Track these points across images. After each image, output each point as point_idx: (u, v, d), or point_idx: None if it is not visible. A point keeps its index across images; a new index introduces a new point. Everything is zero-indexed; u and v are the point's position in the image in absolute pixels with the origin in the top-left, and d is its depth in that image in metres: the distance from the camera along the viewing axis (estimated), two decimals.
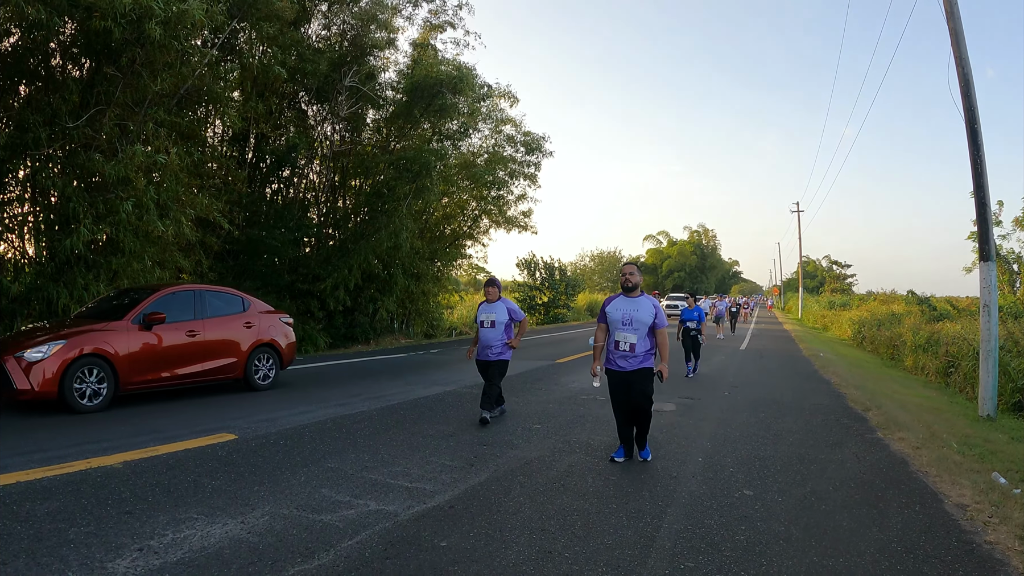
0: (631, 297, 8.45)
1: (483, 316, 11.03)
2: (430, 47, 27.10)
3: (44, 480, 6.63)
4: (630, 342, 8.21)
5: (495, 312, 10.94)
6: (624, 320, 8.30)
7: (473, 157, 32.37)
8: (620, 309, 8.39)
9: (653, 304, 8.42)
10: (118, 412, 10.47)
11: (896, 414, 12.53)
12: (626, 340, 8.24)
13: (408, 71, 26.12)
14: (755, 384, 16.32)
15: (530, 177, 34.19)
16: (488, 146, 33.11)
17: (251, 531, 5.51)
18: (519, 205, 35.64)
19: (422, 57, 26.44)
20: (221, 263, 21.56)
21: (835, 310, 58.76)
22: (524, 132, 33.31)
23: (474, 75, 26.21)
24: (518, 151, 33.30)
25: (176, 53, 15.45)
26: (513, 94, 31.49)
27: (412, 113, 25.98)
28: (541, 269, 49.68)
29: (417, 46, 27.16)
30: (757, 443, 9.62)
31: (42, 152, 14.98)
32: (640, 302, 8.38)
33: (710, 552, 5.41)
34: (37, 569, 4.63)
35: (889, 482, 7.68)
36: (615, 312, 8.41)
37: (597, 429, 10.28)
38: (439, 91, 24.72)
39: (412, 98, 25.39)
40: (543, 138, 33.43)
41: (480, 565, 5.04)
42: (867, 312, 42.66)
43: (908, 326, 28.98)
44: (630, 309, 8.33)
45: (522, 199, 35.35)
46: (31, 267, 15.95)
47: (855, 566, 5.17)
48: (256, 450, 8.28)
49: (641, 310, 8.28)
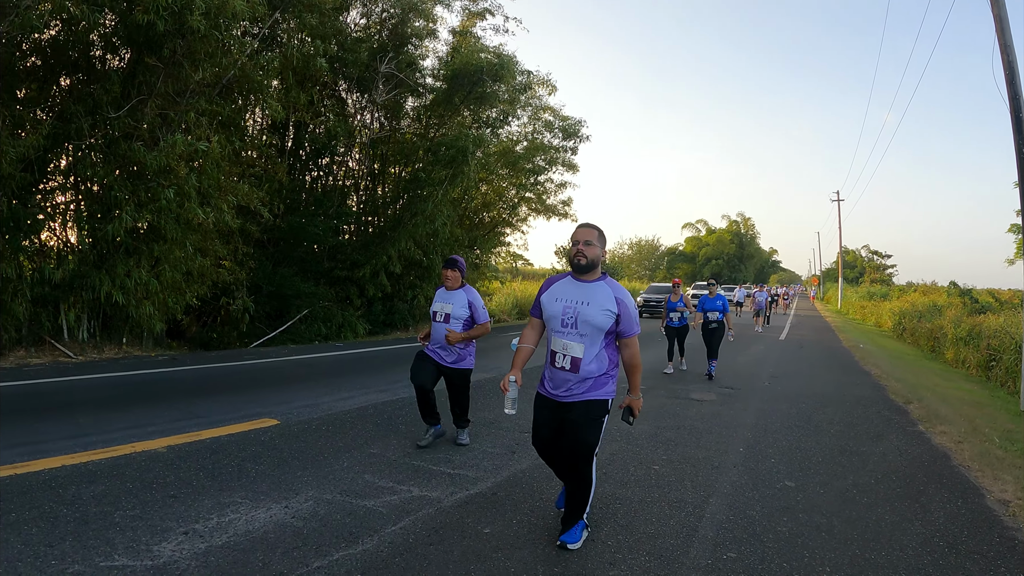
0: (583, 281, 5.38)
1: (436, 306, 8.27)
2: (469, 34, 27.02)
3: (89, 464, 6.70)
4: (571, 355, 5.25)
5: (452, 303, 8.18)
6: (566, 317, 5.31)
7: (512, 144, 32.33)
8: (562, 299, 5.38)
9: (618, 296, 5.30)
10: (159, 398, 10.58)
11: (937, 407, 12.43)
12: (566, 351, 5.28)
13: (448, 59, 26.08)
14: (795, 375, 16.23)
15: (568, 164, 34.11)
16: (527, 133, 33.06)
17: (295, 516, 5.55)
18: (558, 193, 35.61)
19: (462, 44, 26.35)
20: (261, 250, 21.68)
21: (874, 301, 58.28)
22: (562, 117, 33.21)
23: (515, 62, 26.12)
24: (556, 136, 33.21)
25: (217, 44, 15.58)
26: (552, 82, 31.46)
27: (452, 100, 25.95)
28: None
29: (456, 34, 27.08)
30: (798, 434, 9.59)
31: (84, 142, 15.11)
32: (596, 291, 5.30)
33: (752, 543, 5.41)
34: (83, 551, 4.68)
35: (931, 476, 7.62)
36: (553, 303, 5.41)
37: (639, 418, 10.25)
38: (479, 79, 24.67)
39: (452, 86, 25.36)
40: (580, 122, 33.28)
41: (524, 552, 5.06)
42: (908, 303, 42.26)
43: (949, 318, 28.66)
44: (577, 300, 5.32)
45: (562, 187, 35.34)
46: (73, 255, 16.09)
47: (898, 560, 5.15)
48: (298, 435, 8.33)
49: (595, 304, 5.25)
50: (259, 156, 21.77)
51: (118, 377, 12.58)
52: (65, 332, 15.61)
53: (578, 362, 5.24)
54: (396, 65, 23.17)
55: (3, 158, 13.12)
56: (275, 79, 18.98)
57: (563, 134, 33.11)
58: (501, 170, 32.02)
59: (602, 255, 5.48)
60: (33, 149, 13.87)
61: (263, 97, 18.34)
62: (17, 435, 7.72)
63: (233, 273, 19.29)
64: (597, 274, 5.43)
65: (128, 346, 16.59)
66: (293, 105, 19.77)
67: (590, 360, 5.26)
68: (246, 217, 19.23)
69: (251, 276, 20.19)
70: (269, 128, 22.21)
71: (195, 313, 19.96)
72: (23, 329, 14.71)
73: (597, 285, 5.35)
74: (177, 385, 11.89)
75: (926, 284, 63.62)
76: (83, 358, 14.93)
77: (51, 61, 15.52)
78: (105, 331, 16.54)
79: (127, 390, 11.28)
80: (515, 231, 35.81)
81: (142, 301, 15.77)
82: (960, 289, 39.62)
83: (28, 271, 14.74)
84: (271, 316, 21.54)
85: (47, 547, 4.72)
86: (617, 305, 5.27)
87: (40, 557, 4.55)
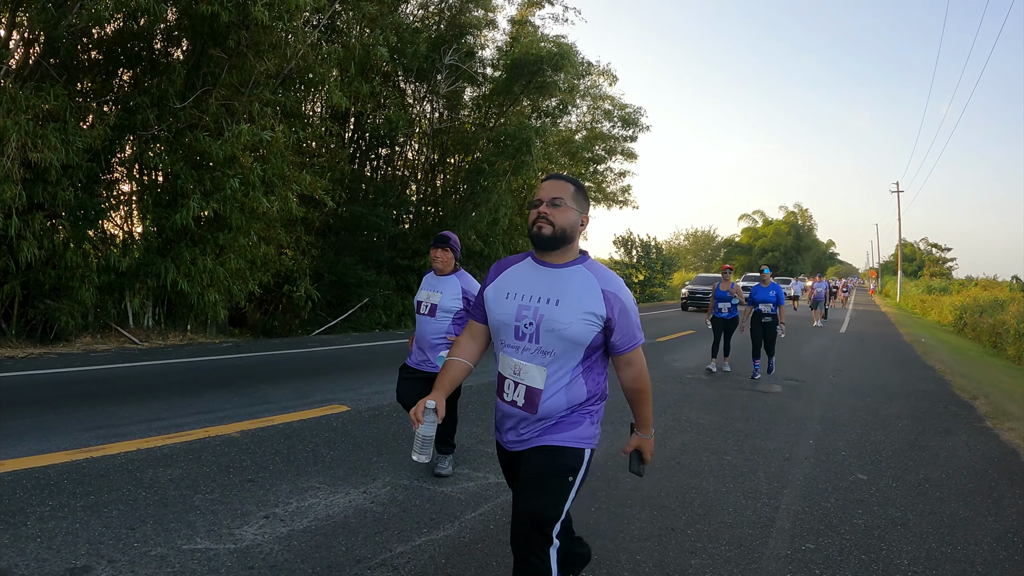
0: (549, 265, 3.25)
1: (421, 295, 6.45)
2: (528, 23, 26.98)
3: (165, 448, 6.76)
4: (526, 384, 3.17)
5: (441, 291, 6.30)
6: (521, 325, 3.19)
7: (571, 133, 32.33)
8: (516, 294, 3.25)
9: (607, 289, 3.15)
10: (228, 384, 10.68)
11: (1004, 404, 12.24)
12: (519, 376, 3.20)
13: (507, 48, 26.08)
14: (858, 368, 16.07)
15: (627, 153, 34.07)
16: (586, 122, 33.05)
17: (374, 501, 5.56)
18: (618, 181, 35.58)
19: (521, 34, 26.32)
20: (322, 239, 21.86)
21: (934, 295, 57.63)
22: (621, 105, 33.13)
23: (574, 52, 26.06)
24: (615, 125, 33.17)
25: (280, 34, 15.73)
26: (612, 72, 31.45)
27: (512, 90, 25.92)
28: (638, 247, 49.53)
29: (515, 23, 27.04)
30: (866, 428, 9.48)
31: (149, 132, 15.30)
32: (570, 281, 3.18)
33: (829, 534, 5.35)
34: (165, 534, 4.70)
35: (1001, 472, 7.50)
36: (501, 301, 3.30)
37: (706, 408, 10.25)
38: (540, 68, 24.61)
39: (512, 75, 25.32)
40: (640, 111, 33.22)
41: (605, 540, 5.02)
42: (969, 298, 41.72)
43: (1012, 313, 28.19)
44: (539, 297, 3.18)
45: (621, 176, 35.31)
46: (139, 243, 16.32)
47: (973, 554, 5.07)
48: (370, 421, 8.36)
49: (568, 304, 3.13)
50: (321, 146, 21.93)
51: (184, 363, 12.75)
52: (130, 319, 15.85)
53: (536, 395, 3.18)
54: (457, 56, 23.23)
55: (70, 148, 13.30)
56: (335, 69, 19.10)
57: (622, 123, 33.07)
58: (561, 159, 32.00)
59: (581, 225, 3.30)
60: (99, 140, 14.05)
61: (325, 87, 18.47)
62: (90, 419, 7.82)
63: (295, 261, 19.46)
64: (573, 254, 3.30)
65: (192, 333, 16.81)
66: (355, 95, 19.88)
67: (555, 391, 3.19)
68: (309, 206, 19.38)
69: (313, 264, 20.35)
70: (331, 118, 22.31)
71: (257, 301, 20.15)
72: (89, 316, 14.95)
73: (573, 271, 3.23)
74: (243, 372, 12.02)
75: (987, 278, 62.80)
76: (148, 344, 15.13)
77: (115, 53, 15.73)
78: (169, 318, 16.78)
79: (195, 376, 11.42)
80: None
81: (207, 288, 15.96)
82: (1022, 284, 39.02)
83: (94, 259, 14.94)
84: (332, 304, 21.71)
85: (128, 529, 4.75)
86: (606, 304, 3.14)
87: (122, 539, 4.58)
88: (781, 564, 4.76)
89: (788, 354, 17.81)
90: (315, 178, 18.00)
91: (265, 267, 17.87)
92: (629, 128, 33.30)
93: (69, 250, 13.91)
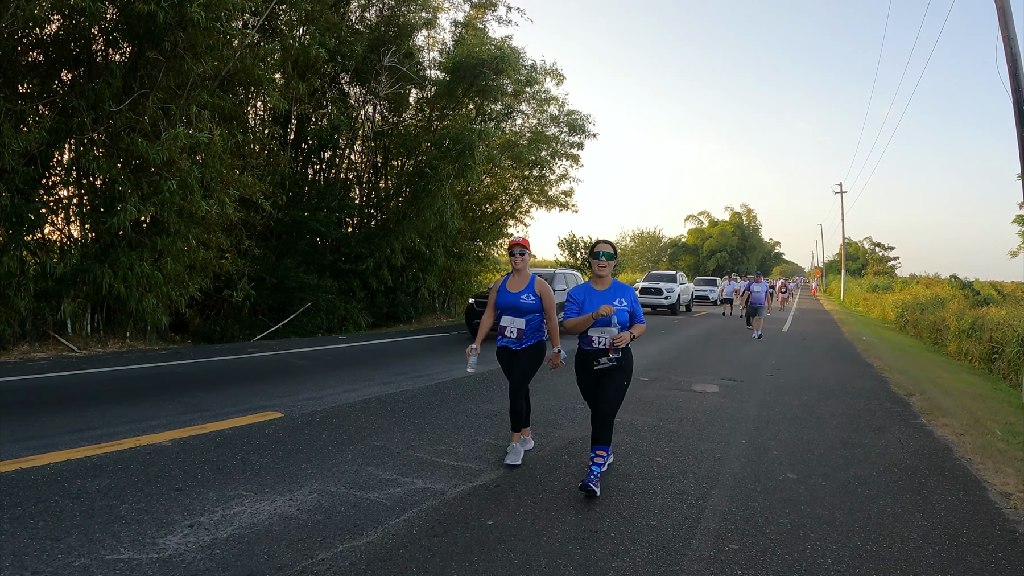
0: None
1: None
2: (472, 26, 27.03)
3: (94, 457, 6.72)
4: None
5: None
6: None
7: (516, 136, 32.34)
8: None
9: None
10: (164, 391, 10.58)
11: (940, 400, 12.43)
12: None
13: (451, 50, 26.13)
14: (798, 366, 16.22)
15: (573, 157, 34.12)
16: (531, 125, 33.07)
17: (300, 508, 5.56)
18: (561, 184, 35.63)
19: (465, 36, 26.38)
20: (264, 242, 21.74)
21: (877, 293, 58.19)
22: (568, 112, 33.17)
23: (517, 55, 26.15)
24: (562, 131, 33.19)
25: (218, 35, 15.65)
26: (559, 71, 31.49)
27: (455, 93, 26.00)
28: (582, 249, 49.66)
29: (461, 25, 27.11)
30: (800, 426, 9.58)
31: (86, 136, 15.14)
32: None
33: (754, 534, 5.41)
34: (90, 545, 4.70)
35: (933, 468, 7.62)
36: None
37: (640, 410, 10.27)
38: (481, 71, 24.71)
39: (454, 78, 25.42)
40: (587, 119, 33.25)
41: (527, 543, 5.07)
42: (911, 296, 42.20)
43: (952, 311, 28.61)
44: None
45: (564, 179, 35.32)
46: (76, 249, 16.12)
47: (899, 552, 5.16)
48: (302, 428, 8.34)
49: None
50: (261, 149, 21.82)
51: (122, 371, 12.60)
52: (68, 326, 15.65)
53: None
54: (398, 57, 23.21)
55: (5, 152, 13.15)
56: (276, 72, 19.04)
57: (569, 128, 33.10)
58: (505, 162, 32.05)
59: None
60: (35, 143, 13.91)
61: (264, 89, 18.41)
62: (22, 429, 7.75)
63: (236, 265, 19.33)
64: None
65: (132, 340, 16.63)
66: (294, 96, 19.83)
67: None
68: (249, 209, 19.28)
69: (254, 267, 20.25)
70: (271, 121, 22.20)
71: (198, 307, 20.05)
72: (26, 323, 14.76)
73: None
74: (181, 379, 11.90)
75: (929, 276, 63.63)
76: (87, 352, 14.95)
77: (52, 55, 15.55)
78: (108, 325, 16.59)
79: (131, 384, 11.28)
80: (518, 223, 35.87)
81: (145, 294, 15.82)
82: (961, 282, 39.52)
83: (31, 266, 14.78)
84: (274, 309, 21.63)
85: (53, 540, 4.74)
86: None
87: (46, 551, 4.57)
88: (703, 565, 4.82)
89: (728, 353, 18.03)
90: (255, 181, 17.92)
91: (204, 271, 17.73)
92: (575, 134, 33.36)
93: (7, 255, 13.73)
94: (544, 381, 12.37)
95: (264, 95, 19.14)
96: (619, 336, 6.15)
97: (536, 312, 7.21)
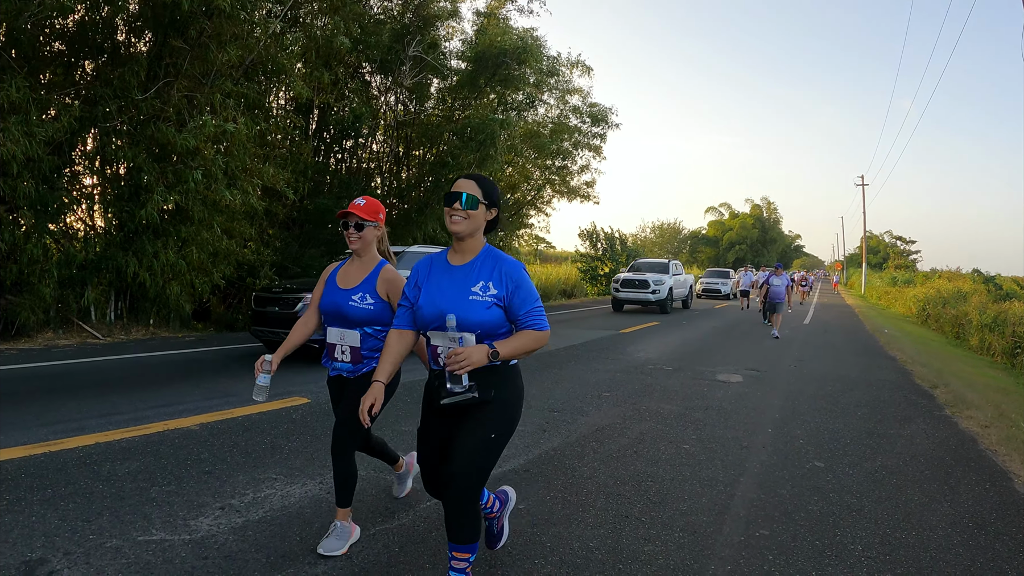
0: None
1: None
2: (493, 15, 27.00)
3: (123, 441, 6.75)
4: None
5: None
6: None
7: (538, 127, 32.28)
8: None
9: None
10: (190, 378, 10.67)
11: (964, 392, 12.35)
12: None
13: (473, 40, 26.09)
14: (820, 358, 16.15)
15: (595, 148, 34.08)
16: (554, 116, 33.01)
17: (330, 491, 5.53)
18: (583, 175, 35.60)
19: (487, 26, 26.34)
20: (286, 231, 21.77)
21: (898, 287, 57.96)
22: (590, 103, 33.13)
23: (540, 45, 26.11)
24: (584, 122, 33.14)
25: (243, 24, 15.65)
26: (584, 63, 31.51)
27: (477, 83, 25.93)
28: (602, 240, 49.50)
29: (481, 15, 27.08)
30: (825, 416, 9.52)
31: (111, 125, 15.20)
32: None
33: (784, 521, 5.38)
34: (121, 526, 4.70)
35: (958, 459, 7.56)
36: None
37: (666, 398, 10.27)
38: (503, 61, 24.65)
39: (476, 68, 25.36)
40: (609, 110, 33.19)
41: (559, 527, 5.06)
42: (932, 289, 41.99)
43: (974, 305, 28.52)
44: None
45: (586, 169, 35.29)
46: (100, 237, 16.24)
47: (927, 540, 5.12)
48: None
49: None
50: (284, 138, 21.83)
51: (147, 357, 12.70)
52: (92, 313, 15.74)
53: None
54: (421, 47, 23.17)
55: (32, 140, 13.20)
56: (299, 61, 19.04)
57: (591, 119, 33.02)
58: (527, 152, 32.00)
59: None
60: (62, 132, 13.96)
61: (287, 78, 18.42)
62: (48, 414, 7.80)
63: (259, 254, 19.36)
64: None
65: (155, 327, 16.71)
66: (317, 85, 19.83)
67: None
68: (272, 198, 19.31)
69: (277, 256, 20.25)
70: (294, 110, 22.19)
71: (221, 295, 20.06)
72: (51, 311, 14.83)
73: None
74: (206, 365, 12.00)
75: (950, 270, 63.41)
76: (110, 339, 15.04)
77: (76, 45, 15.61)
78: (132, 313, 16.68)
79: (156, 370, 11.39)
80: (539, 213, 35.85)
81: (169, 282, 15.90)
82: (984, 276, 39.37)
83: (54, 253, 14.85)
84: None
85: (84, 522, 4.75)
86: None
87: (77, 531, 4.58)
88: (734, 550, 4.80)
89: (750, 344, 17.98)
90: (278, 170, 17.92)
91: (228, 260, 17.75)
92: (598, 125, 33.27)
93: (30, 243, 13.79)
94: (565, 369, 12.36)
95: (287, 84, 19.14)
96: (458, 352, 3.41)
97: (378, 323, 4.68)
